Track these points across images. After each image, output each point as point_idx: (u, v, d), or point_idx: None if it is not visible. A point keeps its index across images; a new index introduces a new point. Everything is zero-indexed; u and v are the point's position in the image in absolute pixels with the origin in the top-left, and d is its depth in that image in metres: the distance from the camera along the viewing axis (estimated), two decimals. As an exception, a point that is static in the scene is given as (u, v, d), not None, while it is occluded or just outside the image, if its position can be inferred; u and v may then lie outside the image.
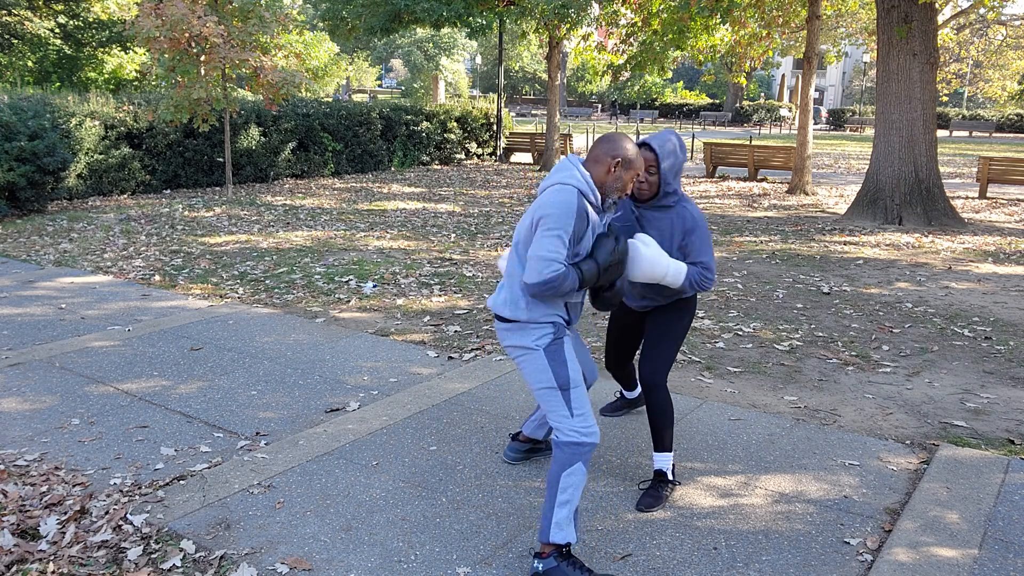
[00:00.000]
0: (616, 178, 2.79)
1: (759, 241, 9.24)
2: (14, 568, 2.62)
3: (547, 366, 2.77)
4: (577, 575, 2.65)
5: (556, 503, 2.68)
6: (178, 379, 4.47)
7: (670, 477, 3.25)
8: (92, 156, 11.65)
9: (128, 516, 2.96)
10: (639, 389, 3.94)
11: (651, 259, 2.97)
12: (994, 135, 41.56)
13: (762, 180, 16.40)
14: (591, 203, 2.74)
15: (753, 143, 16.68)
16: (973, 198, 14.03)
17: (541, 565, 2.67)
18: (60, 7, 19.58)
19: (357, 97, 47.63)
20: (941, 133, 42.43)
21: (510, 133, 20.53)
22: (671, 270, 3.01)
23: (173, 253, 8.02)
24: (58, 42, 19.37)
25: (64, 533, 2.83)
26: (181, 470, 3.38)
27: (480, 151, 20.09)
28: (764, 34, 16.54)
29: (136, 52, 20.22)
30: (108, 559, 2.72)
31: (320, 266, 7.51)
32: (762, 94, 60.17)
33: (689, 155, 23.09)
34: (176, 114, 11.09)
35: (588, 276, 2.71)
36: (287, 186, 14.02)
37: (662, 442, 3.25)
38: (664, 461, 3.25)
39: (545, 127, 18.70)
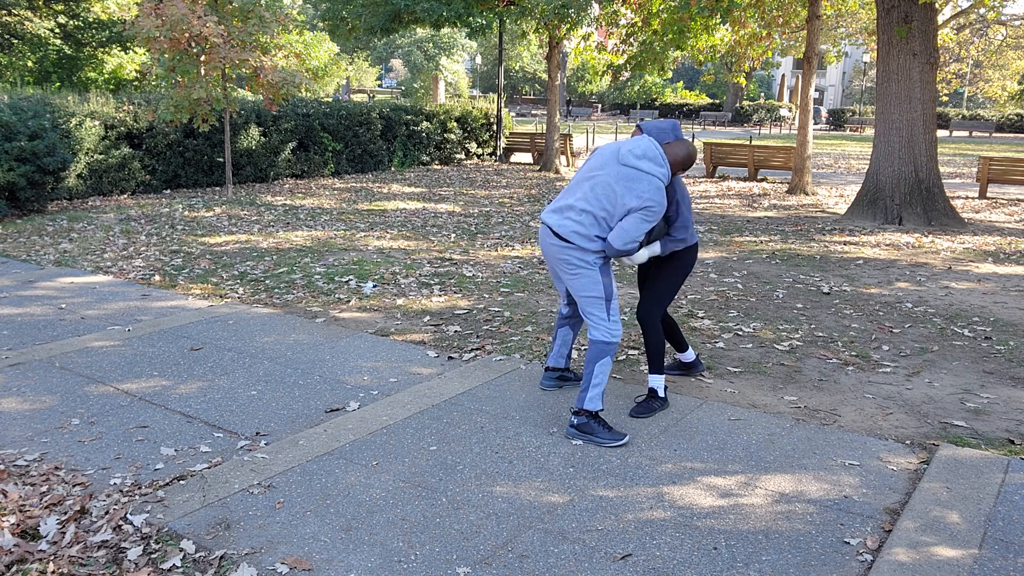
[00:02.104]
0: (676, 172, 3.77)
1: (759, 241, 9.24)
2: (14, 568, 2.62)
3: (600, 280, 3.65)
4: (603, 430, 3.63)
5: (591, 384, 3.65)
6: (178, 379, 4.47)
7: (661, 394, 4.06)
8: (92, 156, 11.65)
9: (128, 516, 2.96)
10: (691, 352, 4.50)
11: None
12: (994, 135, 41.58)
13: (762, 180, 16.40)
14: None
15: (753, 143, 16.68)
16: (973, 198, 14.03)
17: (577, 420, 3.66)
18: (60, 7, 19.57)
19: (357, 97, 47.59)
20: (941, 133, 42.43)
21: (510, 133, 20.53)
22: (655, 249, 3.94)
23: (173, 253, 8.02)
24: (58, 42, 19.36)
25: (64, 533, 2.83)
26: (181, 470, 3.38)
27: (480, 151, 20.09)
28: (764, 34, 16.53)
29: (136, 52, 20.21)
30: (108, 559, 2.72)
31: (320, 266, 7.51)
32: (762, 94, 60.16)
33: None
34: (176, 114, 11.08)
35: (641, 254, 3.82)
36: (287, 186, 14.02)
37: (655, 366, 4.03)
38: (657, 381, 4.05)
39: (545, 127, 18.69)
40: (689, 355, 4.51)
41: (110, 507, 3.03)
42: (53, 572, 2.60)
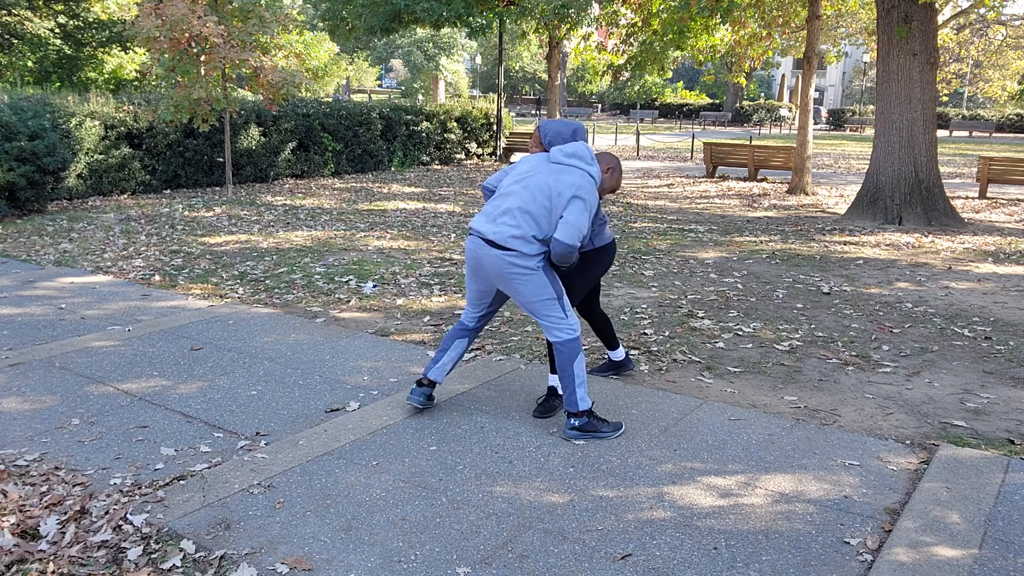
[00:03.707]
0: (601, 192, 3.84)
1: (759, 241, 9.24)
2: (14, 568, 2.62)
3: (547, 282, 3.62)
4: (603, 424, 3.72)
5: (575, 385, 3.65)
6: (178, 379, 4.47)
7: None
8: (92, 156, 11.65)
9: (128, 516, 2.96)
10: (622, 351, 4.58)
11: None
12: (994, 135, 41.57)
13: (762, 180, 16.40)
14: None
15: (753, 143, 16.68)
16: (973, 198, 14.03)
17: (577, 422, 3.68)
18: (60, 7, 19.57)
19: (357, 97, 47.52)
20: (941, 133, 42.42)
21: (510, 133, 20.52)
22: None
23: (173, 253, 8.02)
24: (58, 42, 19.36)
25: (64, 533, 2.83)
26: (181, 470, 3.38)
27: (480, 151, 20.09)
28: (764, 34, 16.55)
29: (136, 52, 20.21)
30: (108, 559, 2.72)
31: (320, 266, 7.51)
32: (762, 94, 60.15)
33: (689, 155, 23.09)
34: (176, 114, 11.08)
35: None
36: (287, 186, 14.02)
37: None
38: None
39: (545, 127, 18.66)
40: (619, 353, 4.56)
41: (110, 507, 3.03)
42: (53, 572, 2.60)
